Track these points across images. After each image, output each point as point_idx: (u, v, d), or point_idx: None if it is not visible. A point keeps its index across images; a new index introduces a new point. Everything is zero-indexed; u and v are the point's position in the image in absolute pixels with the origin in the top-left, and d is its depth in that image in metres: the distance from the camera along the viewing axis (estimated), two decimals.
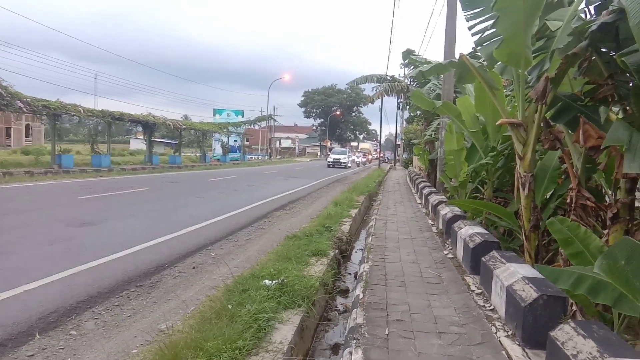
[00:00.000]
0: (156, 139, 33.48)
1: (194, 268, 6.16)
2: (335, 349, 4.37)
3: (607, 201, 4.61)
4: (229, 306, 3.94)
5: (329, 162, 43.46)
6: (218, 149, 50.00)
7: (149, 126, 32.32)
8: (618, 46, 3.81)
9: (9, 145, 47.46)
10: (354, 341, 3.52)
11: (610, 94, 4.07)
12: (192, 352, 3.05)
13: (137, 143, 55.12)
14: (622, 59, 3.38)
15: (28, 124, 53.14)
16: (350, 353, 3.34)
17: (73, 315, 4.40)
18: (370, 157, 67.32)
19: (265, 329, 3.63)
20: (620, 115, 4.20)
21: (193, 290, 5.23)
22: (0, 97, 18.76)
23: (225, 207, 11.71)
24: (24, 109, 20.91)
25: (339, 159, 42.86)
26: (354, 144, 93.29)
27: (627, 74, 3.89)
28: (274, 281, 4.64)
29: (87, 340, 3.91)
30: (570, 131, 4.58)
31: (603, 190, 5.17)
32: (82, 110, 24.34)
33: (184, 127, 36.45)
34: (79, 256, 6.20)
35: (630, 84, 3.95)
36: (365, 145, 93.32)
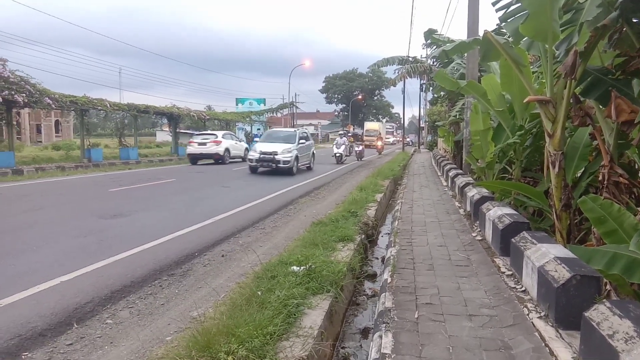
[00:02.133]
0: (181, 130, 33.79)
1: (223, 256, 6.25)
2: (365, 333, 4.39)
3: None
4: (259, 293, 3.99)
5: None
6: (242, 138, 50.28)
7: (173, 118, 32.68)
8: None
9: (40, 142, 48.79)
10: (384, 325, 3.53)
11: None
12: (224, 338, 3.10)
13: (163, 135, 55.90)
14: None
15: (57, 120, 54.46)
16: (380, 337, 3.35)
17: (108, 304, 4.53)
18: (381, 143, 42.68)
19: (294, 315, 3.67)
20: None
21: (223, 277, 5.31)
22: (29, 94, 19.22)
23: (252, 196, 11.81)
24: (53, 105, 21.40)
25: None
26: (346, 129, 54.80)
27: None
28: (302, 267, 4.67)
29: (122, 328, 4.03)
30: (601, 106, 4.44)
31: (636, 166, 5.01)
32: (108, 105, 24.79)
33: (207, 117, 36.73)
34: (111, 247, 6.36)
35: None
36: (373, 125, 64.00)
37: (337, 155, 25.75)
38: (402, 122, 67.41)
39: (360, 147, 29.81)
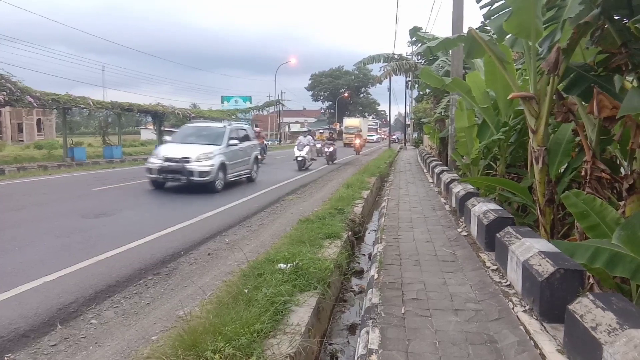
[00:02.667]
0: (166, 129, 33.41)
1: (209, 254, 6.21)
2: (353, 329, 4.40)
3: (623, 172, 4.54)
4: (246, 290, 3.97)
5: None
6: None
7: (158, 116, 32.31)
8: (631, 13, 3.71)
9: (22, 141, 47.96)
10: (371, 321, 3.54)
11: (624, 62, 3.97)
12: (211, 336, 3.08)
13: (148, 133, 55.32)
14: (636, 25, 3.30)
15: (39, 119, 53.54)
16: (368, 332, 3.36)
17: (93, 304, 4.47)
18: (359, 141, 36.09)
19: (282, 312, 3.66)
20: (635, 84, 4.10)
21: (209, 276, 5.28)
22: (10, 92, 18.86)
23: (238, 193, 11.75)
24: (34, 104, 21.01)
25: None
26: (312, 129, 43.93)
27: None
28: (289, 265, 4.67)
29: (107, 328, 3.98)
30: (583, 102, 4.50)
31: (618, 162, 5.09)
32: (91, 103, 24.41)
33: (193, 115, 36.35)
34: (95, 247, 6.28)
35: None
36: (353, 121, 58.82)
37: (299, 159, 19.85)
38: (388, 119, 67.06)
39: (331, 148, 23.56)
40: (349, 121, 59.41)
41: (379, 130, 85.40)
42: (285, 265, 4.65)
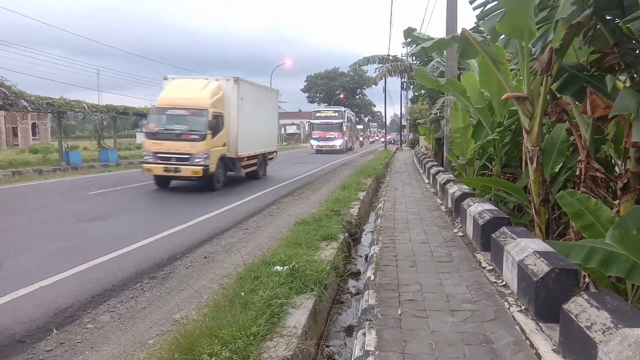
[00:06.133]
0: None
1: (205, 257, 6.20)
2: (349, 331, 4.40)
3: (617, 171, 4.57)
4: (242, 293, 3.97)
5: None
6: None
7: None
8: (623, 13, 3.73)
9: (17, 145, 47.71)
10: (367, 322, 3.54)
11: (617, 62, 4.00)
12: (208, 340, 3.08)
13: (143, 136, 55.09)
14: (628, 25, 3.31)
15: (34, 123, 53.32)
16: (364, 334, 3.36)
17: (89, 309, 4.46)
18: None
19: (278, 315, 3.66)
20: (628, 84, 4.12)
21: (206, 279, 5.27)
22: (4, 97, 18.78)
23: (234, 196, 11.74)
24: (29, 108, 20.93)
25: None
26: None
27: (633, 41, 3.82)
28: (285, 267, 4.66)
29: (103, 333, 3.97)
30: (577, 102, 4.52)
31: (612, 161, 5.12)
32: (86, 107, 24.33)
33: None
34: (91, 251, 6.26)
35: (637, 51, 3.88)
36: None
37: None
38: (384, 120, 66.85)
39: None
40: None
41: (345, 128, 40.71)
42: (281, 268, 4.65)
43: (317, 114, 40.51)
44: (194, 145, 12.15)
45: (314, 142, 38.14)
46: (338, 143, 36.41)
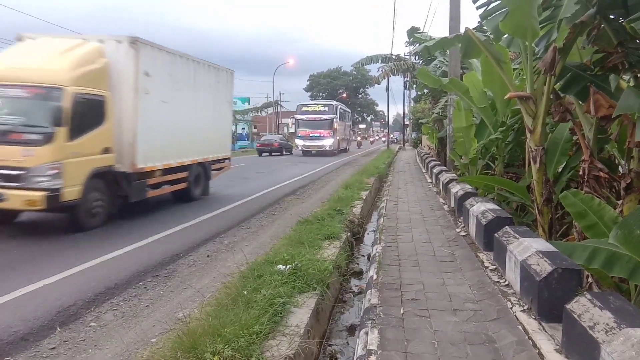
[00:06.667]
0: None
1: (208, 256, 6.21)
2: (352, 330, 4.40)
3: (621, 171, 4.56)
4: (245, 292, 3.97)
5: None
6: None
7: None
8: (627, 12, 3.72)
9: None
10: (370, 322, 3.55)
11: (621, 61, 3.99)
12: (210, 338, 3.09)
13: None
14: (632, 25, 3.31)
15: None
16: (367, 333, 3.36)
17: (92, 307, 4.47)
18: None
19: (281, 313, 3.66)
20: (632, 83, 4.12)
21: (208, 278, 5.28)
22: None
23: (236, 195, 11.74)
24: None
25: None
26: None
27: (637, 41, 3.81)
28: (288, 266, 4.67)
29: (106, 331, 3.98)
30: (580, 102, 4.52)
31: (616, 161, 5.11)
32: None
33: None
34: (94, 249, 6.28)
35: None
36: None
37: None
38: (387, 119, 66.69)
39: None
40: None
41: (336, 126, 33.95)
42: (284, 267, 4.65)
43: (304, 109, 34.30)
44: (29, 152, 6.80)
45: (299, 142, 33.04)
46: (328, 143, 31.63)
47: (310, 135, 32.00)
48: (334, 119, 32.46)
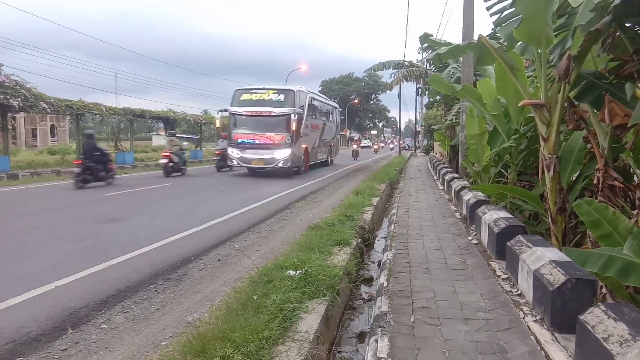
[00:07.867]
0: (177, 134, 33.87)
1: (218, 260, 6.23)
2: (361, 337, 4.38)
3: (636, 181, 4.49)
4: (254, 297, 3.98)
5: None
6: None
7: (169, 122, 32.66)
8: None
9: (36, 146, 48.56)
10: (380, 329, 3.53)
11: (636, 70, 3.95)
12: (220, 342, 3.10)
13: (159, 139, 55.68)
14: None
15: (53, 125, 54.28)
16: (377, 341, 3.34)
17: (103, 309, 4.51)
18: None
19: (290, 319, 3.66)
20: None
21: (219, 282, 5.30)
22: (24, 98, 19.18)
23: (247, 200, 11.78)
24: (48, 110, 21.37)
25: None
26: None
27: None
28: (298, 271, 4.67)
29: (117, 333, 4.01)
30: (595, 110, 4.47)
31: (631, 170, 5.03)
32: (104, 109, 24.76)
33: (204, 121, 36.76)
34: (107, 252, 6.34)
35: None
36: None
37: None
38: (398, 125, 66.53)
39: None
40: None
41: (294, 126, 18.96)
42: (294, 272, 4.65)
43: (243, 96, 19.64)
44: None
45: (232, 152, 19.14)
46: (280, 155, 18.60)
47: (253, 141, 19.02)
48: (294, 115, 18.74)
